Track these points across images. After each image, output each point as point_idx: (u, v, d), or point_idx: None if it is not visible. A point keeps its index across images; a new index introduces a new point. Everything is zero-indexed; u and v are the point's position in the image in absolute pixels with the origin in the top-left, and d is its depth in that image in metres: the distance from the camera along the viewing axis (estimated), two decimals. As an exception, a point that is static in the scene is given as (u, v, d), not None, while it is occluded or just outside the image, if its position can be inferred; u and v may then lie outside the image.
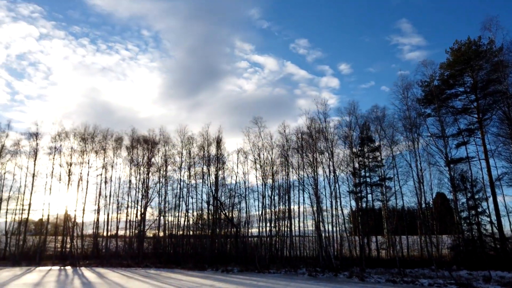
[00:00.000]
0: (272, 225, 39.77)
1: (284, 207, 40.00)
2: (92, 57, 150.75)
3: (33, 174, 42.58)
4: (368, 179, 38.59)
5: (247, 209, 42.63)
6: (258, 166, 41.75)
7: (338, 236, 37.06)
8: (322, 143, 36.04)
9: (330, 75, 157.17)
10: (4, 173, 42.13)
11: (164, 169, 45.28)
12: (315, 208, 34.43)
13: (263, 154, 41.83)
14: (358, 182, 38.17)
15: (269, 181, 40.87)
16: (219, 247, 41.43)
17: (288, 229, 38.90)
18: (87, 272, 28.65)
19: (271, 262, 35.14)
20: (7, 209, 42.09)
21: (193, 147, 45.73)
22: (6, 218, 42.22)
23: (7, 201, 42.18)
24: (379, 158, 37.68)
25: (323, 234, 33.33)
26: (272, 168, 41.05)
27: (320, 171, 35.84)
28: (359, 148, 39.05)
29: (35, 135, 43.43)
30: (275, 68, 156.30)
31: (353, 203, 38.20)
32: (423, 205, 31.76)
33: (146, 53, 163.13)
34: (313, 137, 36.24)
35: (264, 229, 40.06)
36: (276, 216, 39.80)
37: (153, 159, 45.59)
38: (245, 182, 43.31)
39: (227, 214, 42.05)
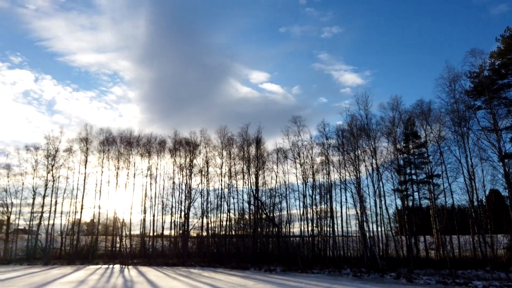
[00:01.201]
0: (314, 224, 39.32)
1: (325, 206, 39.45)
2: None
3: (84, 177, 45.23)
4: (414, 177, 37.06)
5: (288, 209, 42.57)
6: (298, 165, 41.53)
7: (383, 236, 35.96)
8: (364, 140, 35.15)
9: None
10: (58, 177, 45.01)
11: (206, 170, 46.26)
12: (358, 207, 33.63)
13: (303, 153, 41.54)
14: (403, 180, 36.79)
15: (310, 180, 40.49)
16: (261, 246, 41.61)
17: (331, 228, 38.28)
18: (131, 271, 29.84)
19: (314, 262, 34.73)
20: (61, 211, 45.01)
21: (233, 148, 46.42)
22: (61, 219, 45.14)
23: (62, 203, 45.04)
24: (425, 155, 36.12)
25: (367, 234, 32.47)
26: (313, 167, 40.61)
27: (362, 169, 35.00)
28: (404, 145, 37.62)
29: (85, 140, 46.06)
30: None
31: (399, 202, 36.96)
32: (475, 203, 30.08)
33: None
34: (354, 134, 35.42)
35: (305, 229, 39.76)
36: (318, 216, 39.30)
37: (194, 161, 46.77)
38: (285, 182, 43.25)
39: (268, 214, 42.15)
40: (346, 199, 39.66)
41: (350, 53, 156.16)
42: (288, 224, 42.32)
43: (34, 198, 43.63)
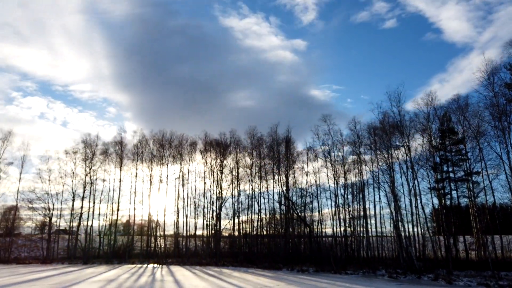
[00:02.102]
0: (347, 224, 38.66)
1: (358, 206, 38.72)
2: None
3: (120, 179, 46.75)
4: (451, 174, 35.59)
5: (320, 209, 42.10)
6: (329, 164, 40.95)
7: (420, 236, 34.80)
8: (397, 138, 34.13)
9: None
10: (96, 180, 46.80)
11: (236, 170, 46.58)
12: (392, 207, 32.70)
13: (334, 152, 40.92)
14: (440, 177, 35.40)
15: (341, 179, 39.83)
16: (293, 246, 41.37)
17: (364, 228, 37.52)
18: (162, 270, 30.36)
19: (348, 262, 34.11)
20: (99, 212, 46.78)
21: (263, 148, 46.45)
22: (99, 220, 46.94)
23: (99, 205, 46.80)
24: (463, 151, 34.60)
25: (402, 234, 31.51)
26: (344, 166, 39.93)
27: (396, 167, 34.00)
28: (440, 141, 36.16)
29: (120, 143, 47.63)
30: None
31: (435, 201, 35.58)
32: (520, 201, 28.41)
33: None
34: (387, 132, 34.47)
35: (338, 229, 39.17)
36: (351, 216, 38.61)
37: (225, 161, 47.23)
38: (316, 181, 42.79)
39: (299, 214, 41.84)
40: (379, 198, 38.66)
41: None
42: (320, 224, 41.88)
43: (73, 200, 45.56)
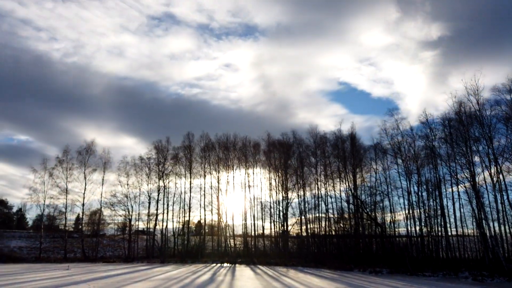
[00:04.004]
0: (423, 224, 36.33)
1: (434, 203, 36.18)
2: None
3: (190, 181, 49.00)
4: (544, 167, 31.74)
5: (391, 207, 40.04)
6: (399, 160, 38.82)
7: (508, 235, 31.49)
8: (476, 129, 31.33)
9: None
10: (168, 182, 49.55)
11: (301, 170, 46.23)
12: (474, 204, 30.10)
13: (404, 147, 38.66)
14: (530, 170, 31.75)
15: (414, 176, 37.47)
16: (364, 247, 39.92)
17: (442, 228, 34.94)
18: (226, 269, 31.10)
19: (425, 264, 32.02)
20: (173, 214, 49.43)
21: (327, 147, 45.59)
22: (173, 221, 49.61)
23: (172, 207, 49.47)
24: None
25: (487, 233, 28.86)
26: (416, 162, 37.53)
27: (476, 160, 31.21)
28: (528, 131, 32.45)
29: (188, 148, 49.87)
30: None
31: (525, 196, 31.90)
32: None
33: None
34: (463, 123, 31.81)
35: (412, 228, 36.92)
36: (427, 214, 36.21)
37: (289, 161, 47.16)
38: (386, 179, 40.81)
39: (369, 213, 40.25)
40: (458, 195, 35.61)
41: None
42: (392, 224, 39.86)
43: (149, 203, 48.82)
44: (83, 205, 48.64)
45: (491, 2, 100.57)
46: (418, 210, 36.71)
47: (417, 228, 36.48)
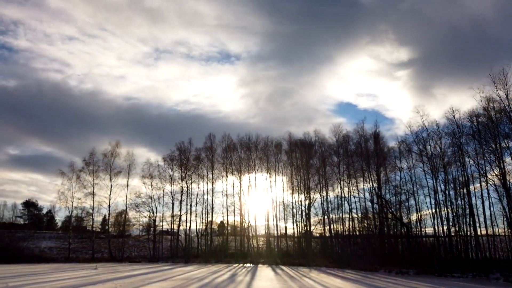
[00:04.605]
0: (450, 223, 35.26)
1: (462, 202, 35.04)
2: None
3: (212, 182, 49.41)
4: None
5: (417, 207, 39.00)
6: (425, 158, 37.81)
7: (543, 236, 30.17)
8: (505, 124, 30.19)
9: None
10: (191, 183, 50.07)
11: (323, 169, 45.78)
12: (505, 202, 28.99)
13: (430, 145, 37.66)
14: None
15: (441, 174, 36.44)
16: (389, 247, 39.06)
17: (471, 227, 33.79)
18: (247, 269, 31.10)
19: (453, 265, 31.07)
20: (196, 214, 49.91)
21: (350, 145, 44.99)
22: (196, 221, 50.11)
23: (195, 207, 49.98)
24: None
25: (520, 233, 27.72)
26: (443, 159, 36.49)
27: (507, 158, 30.07)
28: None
29: (210, 149, 50.28)
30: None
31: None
32: None
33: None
34: (492, 119, 30.70)
35: (440, 228, 35.90)
36: (454, 214, 35.13)
37: (311, 161, 46.78)
38: (411, 178, 39.81)
39: (394, 212, 39.38)
40: (488, 193, 34.31)
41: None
42: (418, 223, 38.85)
43: (173, 204, 49.54)
44: (109, 206, 50.06)
45: (451, 28, 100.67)
46: (445, 209, 35.70)
47: (445, 227, 35.47)
